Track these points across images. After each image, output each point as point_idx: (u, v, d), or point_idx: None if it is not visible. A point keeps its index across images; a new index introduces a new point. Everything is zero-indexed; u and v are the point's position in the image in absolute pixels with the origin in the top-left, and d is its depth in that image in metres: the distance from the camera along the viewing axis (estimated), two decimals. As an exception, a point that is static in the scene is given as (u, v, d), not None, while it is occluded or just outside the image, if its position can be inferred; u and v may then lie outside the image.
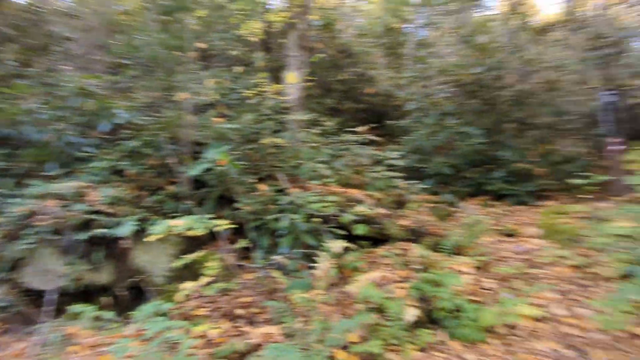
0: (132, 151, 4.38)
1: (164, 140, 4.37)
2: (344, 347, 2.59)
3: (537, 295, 3.29)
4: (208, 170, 3.88)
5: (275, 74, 7.83)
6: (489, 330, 2.97)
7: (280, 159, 4.88)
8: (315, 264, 3.31)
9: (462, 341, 2.90)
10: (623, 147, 5.31)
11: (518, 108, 7.04)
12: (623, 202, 4.24)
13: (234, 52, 8.25)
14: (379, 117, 10.64)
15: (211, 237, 3.89)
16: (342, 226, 3.91)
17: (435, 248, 4.18)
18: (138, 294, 3.61)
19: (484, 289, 3.52)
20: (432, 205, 5.90)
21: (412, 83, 8.96)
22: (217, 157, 3.33)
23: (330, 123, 5.90)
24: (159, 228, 3.00)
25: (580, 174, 5.56)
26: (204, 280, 3.10)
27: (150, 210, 3.85)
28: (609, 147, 5.06)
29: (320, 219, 3.82)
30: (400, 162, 5.69)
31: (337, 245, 3.34)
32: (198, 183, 4.19)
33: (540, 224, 4.78)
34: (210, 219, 3.21)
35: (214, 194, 3.94)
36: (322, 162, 4.73)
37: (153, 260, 3.69)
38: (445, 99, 7.63)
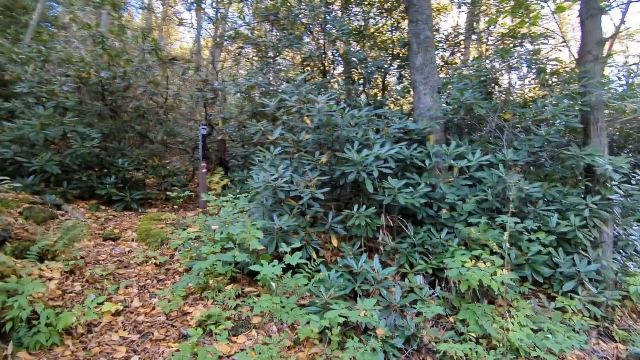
0: None
1: None
2: None
3: (121, 292, 3.71)
4: None
5: None
6: (67, 332, 3.06)
7: None
8: None
9: (34, 349, 2.82)
10: (207, 170, 6.95)
11: (140, 121, 7.57)
12: (200, 213, 5.55)
13: None
14: (-29, 88, 8.14)
15: None
16: None
17: (21, 254, 3.79)
18: None
19: (70, 292, 3.57)
20: (28, 205, 5.22)
21: (29, 62, 7.57)
22: None
23: None
24: None
25: (179, 187, 6.74)
26: None
27: None
28: (200, 169, 6.53)
29: None
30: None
31: None
32: None
33: (137, 228, 5.37)
34: None
35: None
36: None
37: None
38: (66, 92, 7.01)
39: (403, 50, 7.29)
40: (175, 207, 6.40)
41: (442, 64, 8.38)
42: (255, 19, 8.07)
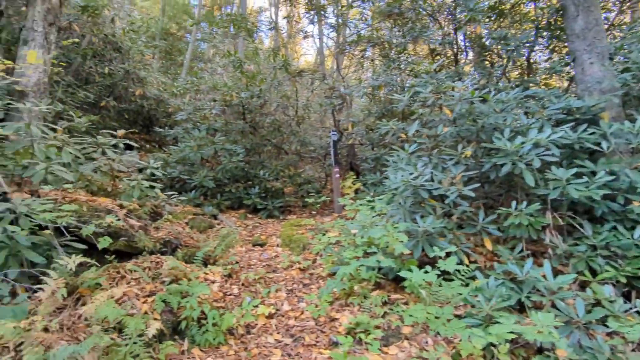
0: None
1: None
2: (69, 376, 2.30)
3: (271, 296, 3.87)
4: None
5: (8, 47, 6.24)
6: (230, 332, 3.28)
7: (2, 154, 3.91)
8: (40, 286, 2.80)
9: (204, 347, 3.08)
10: (341, 175, 6.99)
11: (275, 134, 8.16)
12: (337, 218, 5.56)
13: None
14: (147, 122, 10.01)
15: None
16: (83, 239, 3.47)
17: (189, 259, 4.28)
18: None
19: (229, 294, 3.86)
20: (192, 216, 5.98)
21: (185, 94, 8.92)
22: None
23: (82, 119, 5.16)
24: None
25: (314, 194, 6.93)
26: None
27: None
28: (333, 175, 6.61)
29: (52, 231, 3.27)
30: (164, 172, 5.52)
31: (73, 261, 2.95)
32: None
33: (281, 234, 5.65)
34: None
35: None
36: (65, 164, 4.08)
37: None
38: (215, 115, 7.97)
39: (553, 19, 6.18)
40: (312, 212, 6.60)
41: (605, 27, 6.84)
42: (375, 19, 7.93)
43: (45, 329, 2.57)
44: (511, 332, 2.59)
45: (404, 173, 3.97)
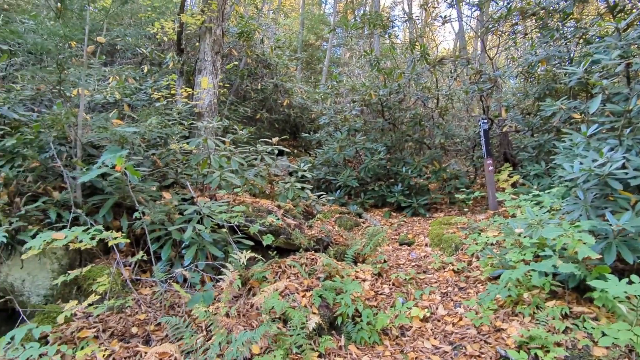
0: (5, 150, 3.78)
1: (51, 140, 3.88)
2: (246, 360, 2.57)
3: (424, 298, 3.66)
4: (103, 176, 3.54)
5: (188, 77, 7.55)
6: (384, 333, 3.22)
7: (188, 166, 4.72)
8: (220, 276, 3.24)
9: (360, 344, 3.09)
10: (494, 167, 6.23)
11: (416, 129, 7.83)
12: (494, 215, 4.95)
13: (143, 50, 7.78)
14: (294, 129, 10.90)
15: (104, 250, 3.57)
16: (250, 236, 3.90)
17: (340, 257, 4.41)
18: (9, 317, 3.15)
19: (381, 293, 3.81)
20: (339, 215, 6.19)
21: (326, 98, 9.37)
22: (113, 161, 3.04)
23: (243, 131, 5.86)
24: (37, 241, 2.64)
25: (464, 189, 6.38)
26: (92, 298, 2.81)
27: (28, 219, 3.39)
28: (486, 168, 5.92)
29: (227, 230, 3.77)
30: (311, 174, 5.86)
31: (244, 256, 3.33)
32: (90, 190, 3.81)
33: (429, 233, 5.34)
34: (104, 229, 2.94)
35: (109, 203, 3.61)
36: (233, 171, 4.69)
37: (29, 277, 3.26)
38: (354, 116, 8.12)
39: None
40: (462, 210, 6.08)
41: None
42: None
43: (227, 314, 2.94)
44: None
45: (583, 160, 3.28)
